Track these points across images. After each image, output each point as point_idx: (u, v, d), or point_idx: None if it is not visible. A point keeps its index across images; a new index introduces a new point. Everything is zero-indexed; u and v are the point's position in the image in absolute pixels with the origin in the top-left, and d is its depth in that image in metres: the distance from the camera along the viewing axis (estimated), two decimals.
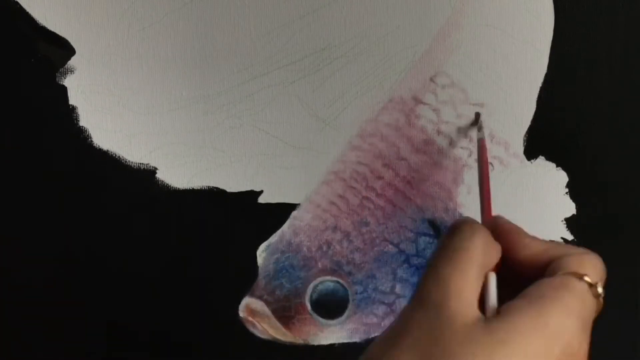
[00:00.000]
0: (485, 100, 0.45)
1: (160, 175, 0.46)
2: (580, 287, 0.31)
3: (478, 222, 0.34)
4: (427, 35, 0.44)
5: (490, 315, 0.30)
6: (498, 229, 0.35)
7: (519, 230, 0.35)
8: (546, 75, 0.45)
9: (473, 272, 0.31)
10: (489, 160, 0.46)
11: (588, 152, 0.47)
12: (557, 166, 0.46)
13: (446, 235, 0.33)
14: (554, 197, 0.47)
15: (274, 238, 0.47)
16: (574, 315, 0.30)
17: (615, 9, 0.44)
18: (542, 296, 0.30)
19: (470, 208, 0.46)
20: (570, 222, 0.47)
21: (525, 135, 0.46)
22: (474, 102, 0.45)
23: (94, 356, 0.50)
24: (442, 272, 0.31)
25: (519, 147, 0.46)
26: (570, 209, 0.47)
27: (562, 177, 0.47)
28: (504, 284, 0.32)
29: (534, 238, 0.34)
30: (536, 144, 0.46)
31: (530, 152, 0.46)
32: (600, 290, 0.32)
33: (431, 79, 0.45)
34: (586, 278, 0.31)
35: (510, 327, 0.29)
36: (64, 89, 0.45)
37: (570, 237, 0.47)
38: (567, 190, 0.47)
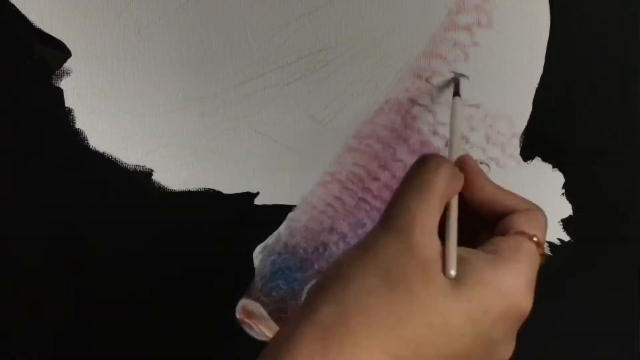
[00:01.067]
0: (481, 101, 0.45)
1: (156, 177, 0.46)
2: (530, 248, 0.34)
3: (444, 156, 0.36)
4: (423, 37, 0.44)
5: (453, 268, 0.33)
6: (463, 166, 0.37)
7: (480, 172, 0.37)
8: (542, 76, 0.45)
9: (436, 203, 0.34)
10: (486, 161, 0.46)
11: (584, 153, 0.47)
12: (553, 167, 0.46)
13: (413, 167, 0.35)
14: (551, 198, 0.47)
15: (270, 240, 0.47)
16: (524, 276, 0.33)
17: (612, 10, 0.44)
18: (496, 255, 0.33)
19: None
20: (566, 223, 0.47)
21: (521, 137, 0.46)
22: (469, 103, 0.45)
23: (93, 356, 0.50)
24: (409, 201, 0.34)
25: (515, 148, 0.46)
26: (566, 209, 0.47)
27: (558, 178, 0.47)
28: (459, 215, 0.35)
29: (491, 182, 0.37)
30: (532, 145, 0.46)
31: (527, 154, 0.46)
32: (546, 250, 0.35)
33: (427, 80, 0.45)
34: (535, 239, 0.35)
35: (468, 280, 0.32)
36: (60, 91, 0.45)
37: (567, 237, 0.47)
38: (563, 191, 0.47)
